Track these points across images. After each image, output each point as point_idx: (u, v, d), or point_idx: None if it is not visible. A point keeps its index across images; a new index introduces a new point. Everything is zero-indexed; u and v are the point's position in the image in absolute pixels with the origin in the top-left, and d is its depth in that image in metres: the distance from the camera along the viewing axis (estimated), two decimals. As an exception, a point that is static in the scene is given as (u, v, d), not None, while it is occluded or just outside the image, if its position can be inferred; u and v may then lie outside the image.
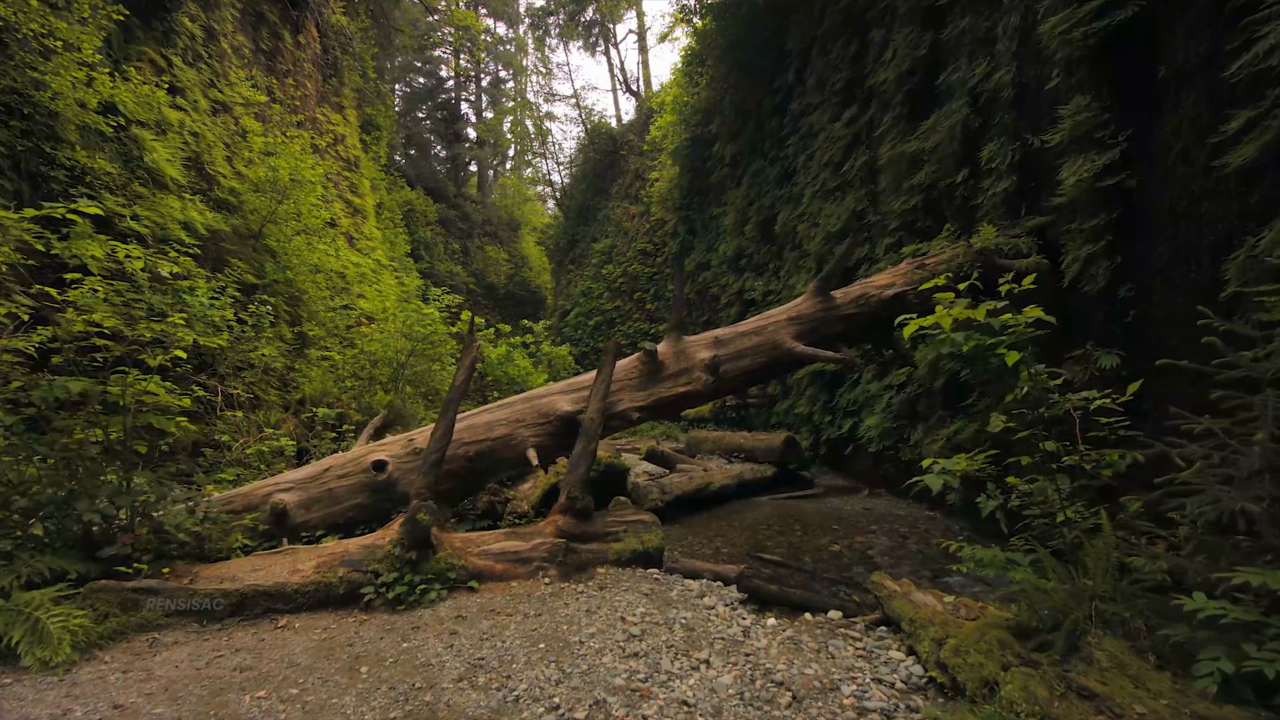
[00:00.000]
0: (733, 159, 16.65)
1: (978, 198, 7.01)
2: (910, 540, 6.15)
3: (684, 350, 5.08)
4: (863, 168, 10.12)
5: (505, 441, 4.68)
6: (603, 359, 4.70)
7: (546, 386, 4.98)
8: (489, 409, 4.84)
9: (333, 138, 15.96)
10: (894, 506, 7.78)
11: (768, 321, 5.26)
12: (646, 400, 4.88)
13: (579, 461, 4.51)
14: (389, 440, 4.80)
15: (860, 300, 5.35)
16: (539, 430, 4.73)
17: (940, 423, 7.38)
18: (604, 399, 4.64)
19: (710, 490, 7.97)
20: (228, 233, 9.88)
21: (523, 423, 4.72)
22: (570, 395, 4.87)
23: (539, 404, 4.80)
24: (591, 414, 4.59)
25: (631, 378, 4.93)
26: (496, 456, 4.67)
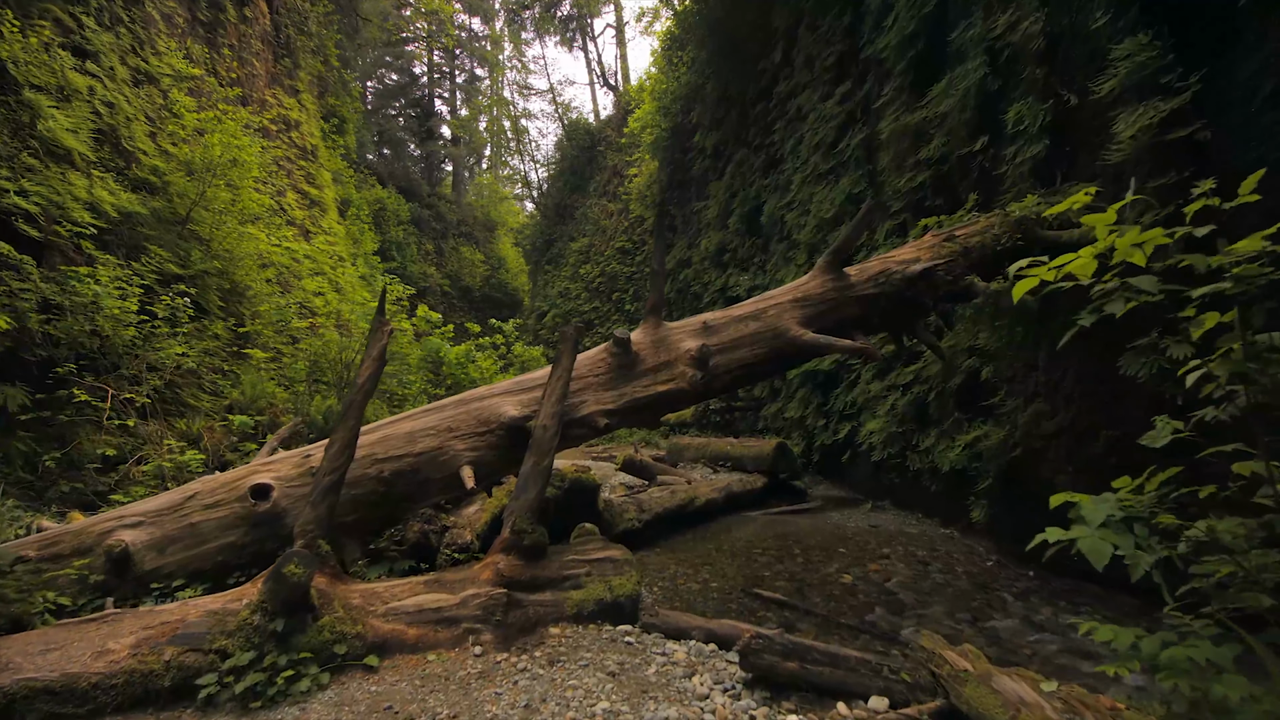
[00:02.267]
0: (715, 149, 15.67)
1: (1001, 167, 6.03)
2: (933, 568, 5.11)
3: (665, 339, 3.99)
4: (859, 147, 9.15)
5: (432, 457, 3.55)
6: (559, 350, 3.60)
7: (488, 386, 3.87)
8: (412, 416, 3.71)
9: (284, 123, 14.65)
10: (902, 522, 6.77)
11: (768, 304, 4.19)
12: (617, 402, 3.79)
13: (527, 483, 3.39)
14: (281, 457, 3.64)
15: (880, 279, 4.31)
16: (478, 442, 3.61)
17: (957, 427, 6.38)
18: (561, 400, 3.53)
19: (695, 506, 6.89)
20: (145, 216, 8.59)
21: (456, 432, 3.60)
22: (519, 396, 3.77)
23: (477, 408, 3.69)
24: (544, 420, 3.48)
25: (598, 373, 3.84)
26: (420, 477, 3.54)
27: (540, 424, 3.49)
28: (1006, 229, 4.60)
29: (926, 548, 5.68)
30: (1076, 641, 3.73)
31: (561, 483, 5.24)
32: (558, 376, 3.58)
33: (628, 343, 3.88)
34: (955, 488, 6.38)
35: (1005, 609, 4.25)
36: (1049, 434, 5.36)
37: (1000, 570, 5.08)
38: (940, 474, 6.51)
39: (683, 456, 10.17)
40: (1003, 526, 5.57)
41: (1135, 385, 4.54)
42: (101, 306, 6.70)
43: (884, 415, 7.48)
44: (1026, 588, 4.66)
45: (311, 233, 15.04)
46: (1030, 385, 5.75)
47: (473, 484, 3.44)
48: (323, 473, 3.12)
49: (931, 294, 4.30)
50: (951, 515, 6.47)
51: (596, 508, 5.60)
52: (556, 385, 3.57)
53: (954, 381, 6.33)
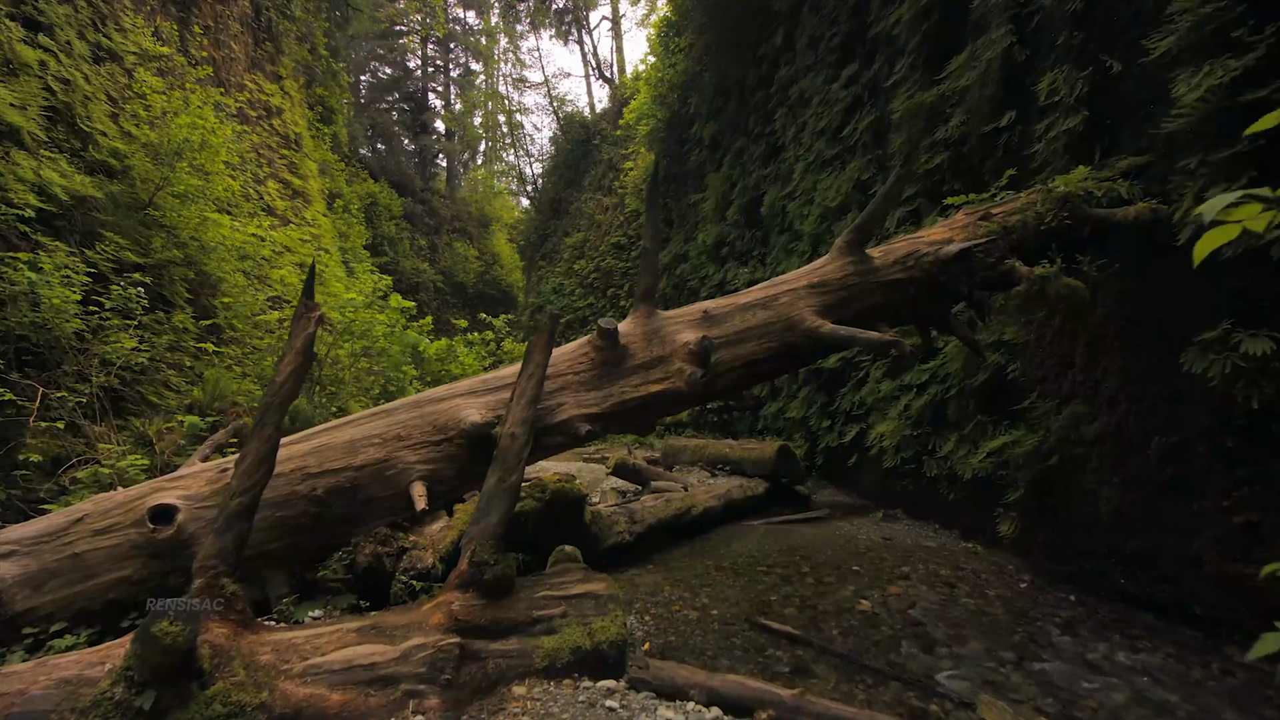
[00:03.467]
0: (713, 139, 15.03)
1: (1031, 145, 5.41)
2: (961, 591, 4.50)
3: (659, 330, 3.35)
4: (867, 130, 8.53)
5: (377, 471, 2.92)
6: (531, 343, 2.96)
7: (449, 385, 3.23)
8: (355, 421, 3.07)
9: (265, 109, 13.96)
10: (918, 534, 6.15)
11: (780, 290, 3.56)
12: (602, 404, 3.15)
13: (490, 504, 2.76)
14: (193, 470, 2.99)
15: (908, 261, 3.69)
16: (433, 452, 2.98)
17: (980, 431, 5.77)
18: (533, 403, 2.89)
19: (692, 516, 6.27)
20: (101, 200, 7.92)
21: (407, 441, 2.97)
22: (484, 398, 3.13)
23: (433, 411, 3.05)
24: (512, 427, 2.84)
25: (579, 371, 3.20)
26: (362, 495, 2.90)
27: (507, 431, 2.86)
28: (1050, 206, 3.98)
29: (949, 565, 5.07)
30: (1145, 687, 3.13)
31: (541, 494, 4.60)
32: (529, 374, 2.94)
33: (614, 334, 3.24)
34: (978, 498, 5.77)
35: (1052, 644, 3.64)
36: (1090, 440, 4.75)
37: (1036, 594, 4.47)
38: (960, 482, 5.90)
39: (679, 459, 9.55)
40: (1036, 543, 4.96)
41: (1197, 385, 3.94)
42: (40, 297, 6.04)
43: (896, 417, 6.86)
44: (1071, 617, 4.04)
45: (294, 224, 14.34)
46: (1066, 385, 5.13)
47: (424, 505, 2.81)
48: (231, 494, 2.48)
49: (967, 280, 3.68)
50: (973, 527, 5.86)
51: (582, 521, 4.97)
52: (527, 385, 2.93)
53: (977, 381, 5.72)
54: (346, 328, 7.48)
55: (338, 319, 7.53)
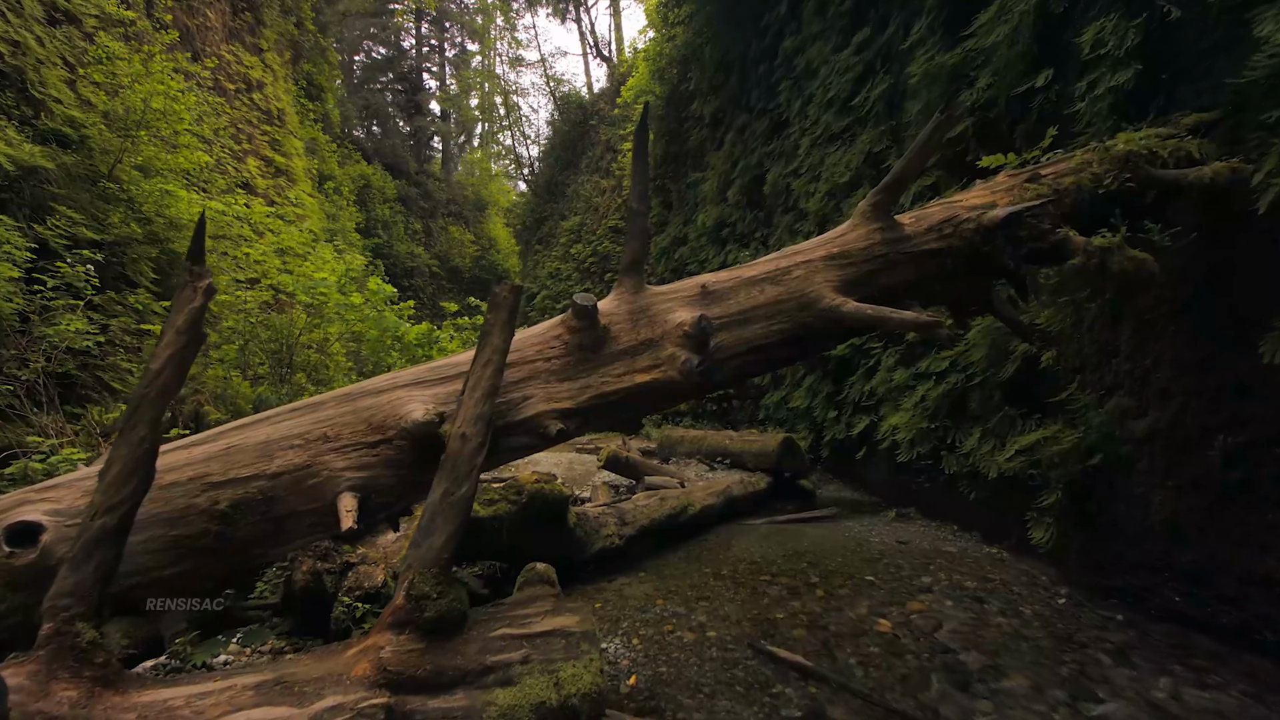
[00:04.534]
0: (713, 117, 14.34)
1: (1072, 104, 4.81)
2: (992, 607, 3.96)
3: (647, 309, 2.77)
4: (880, 99, 7.89)
5: (296, 480, 2.35)
6: (487, 322, 2.38)
7: (390, 374, 2.65)
8: (272, 417, 2.50)
9: (245, 82, 13.26)
10: (935, 536, 5.61)
11: (793, 262, 2.97)
12: (577, 397, 2.58)
13: (434, 523, 2.20)
14: (70, 477, 2.43)
15: (945, 229, 3.10)
16: (367, 456, 2.41)
17: (1007, 425, 5.20)
18: (489, 397, 2.32)
19: (689, 515, 5.72)
20: (53, 171, 7.30)
21: (335, 442, 2.40)
22: (433, 389, 2.56)
23: (369, 406, 2.48)
24: (463, 426, 2.27)
25: (550, 357, 2.63)
26: (278, 510, 2.34)
27: (456, 432, 2.29)
28: (1110, 166, 3.38)
29: (975, 575, 4.53)
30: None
31: (518, 496, 4.05)
32: (484, 361, 2.36)
33: (593, 313, 2.66)
34: (1003, 499, 5.22)
35: (1107, 678, 3.09)
36: (1139, 438, 4.18)
37: (1078, 612, 3.93)
38: (984, 481, 5.34)
39: (676, 451, 9.00)
40: (1074, 552, 4.41)
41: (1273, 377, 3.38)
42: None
43: (911, 408, 6.30)
44: (1122, 641, 3.50)
45: (277, 204, 13.70)
46: (1108, 375, 4.56)
47: (352, 522, 2.24)
48: (92, 513, 1.92)
49: (1013, 251, 3.10)
50: (997, 531, 5.31)
51: (565, 525, 4.42)
52: (483, 374, 2.35)
53: (1005, 370, 5.15)
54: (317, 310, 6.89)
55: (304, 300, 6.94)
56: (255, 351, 6.90)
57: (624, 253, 2.86)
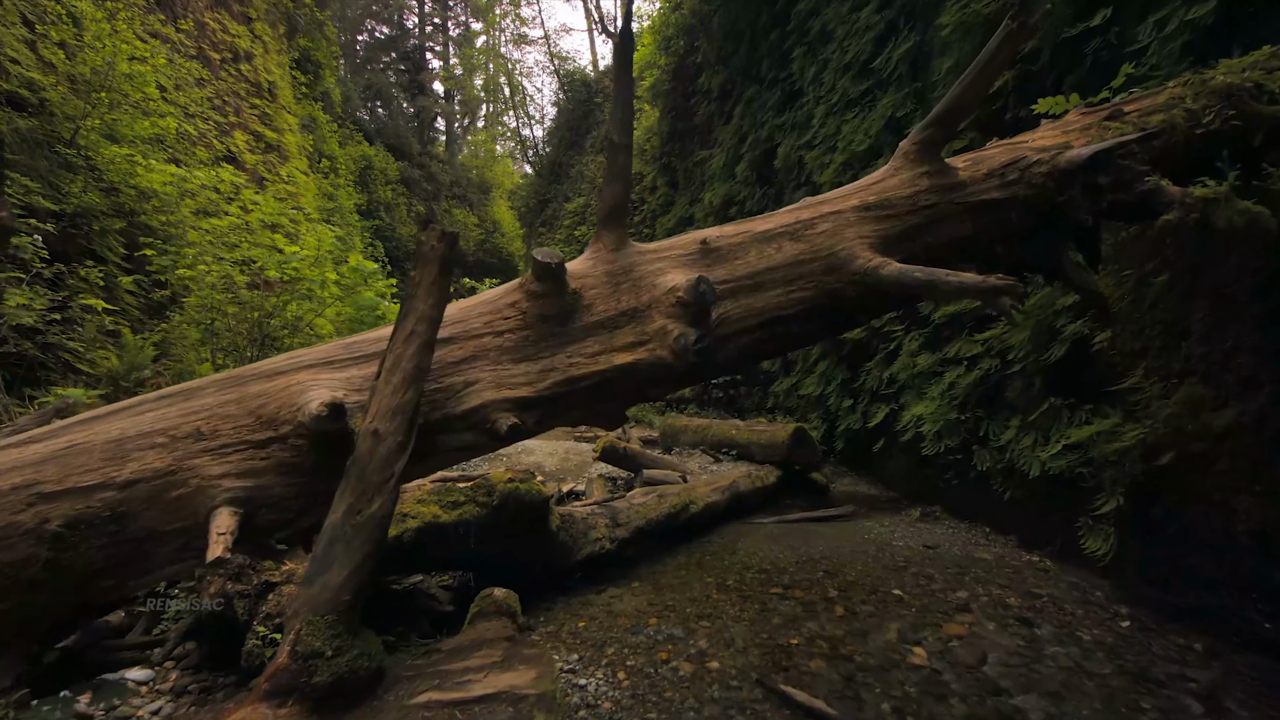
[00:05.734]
0: (722, 90, 13.58)
1: (1136, 43, 4.11)
2: (1043, 632, 3.34)
3: (630, 270, 2.14)
4: (904, 59, 7.16)
5: (157, 490, 1.77)
6: (410, 281, 1.77)
7: (291, 354, 2.05)
8: (133, 407, 1.90)
9: (231, 52, 12.60)
10: (967, 540, 4.99)
11: (818, 213, 2.34)
12: (539, 383, 1.97)
13: (332, 552, 1.61)
14: None
15: (1008, 174, 2.45)
16: (253, 459, 1.82)
17: (1052, 418, 4.55)
18: (414, 382, 1.72)
19: (690, 514, 5.13)
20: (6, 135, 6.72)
21: (211, 439, 1.81)
22: (347, 370, 1.96)
23: (258, 393, 1.88)
24: (376, 421, 1.68)
25: (503, 330, 2.02)
26: (132, 531, 1.75)
27: (366, 428, 1.69)
28: (1209, 101, 2.71)
29: (1017, 590, 3.91)
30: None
31: (488, 498, 3.46)
32: (407, 334, 1.76)
33: (559, 273, 2.04)
34: (1046, 500, 4.59)
35: (1200, 732, 2.49)
36: (1218, 434, 3.53)
37: (1146, 638, 3.31)
38: (1023, 479, 4.71)
39: (678, 441, 8.40)
40: (1135, 564, 3.78)
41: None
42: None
43: (937, 397, 5.65)
44: (1210, 681, 2.88)
45: (267, 180, 13.10)
46: (1178, 360, 3.90)
47: (222, 550, 1.64)
48: None
49: (1091, 203, 2.44)
50: (1037, 535, 4.69)
51: (546, 528, 3.83)
52: (405, 352, 1.75)
53: (1052, 354, 4.49)
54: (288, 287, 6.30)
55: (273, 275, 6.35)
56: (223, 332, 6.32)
57: (601, 200, 2.23)
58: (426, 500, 3.24)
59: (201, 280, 6.45)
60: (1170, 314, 4.01)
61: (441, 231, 1.77)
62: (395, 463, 1.71)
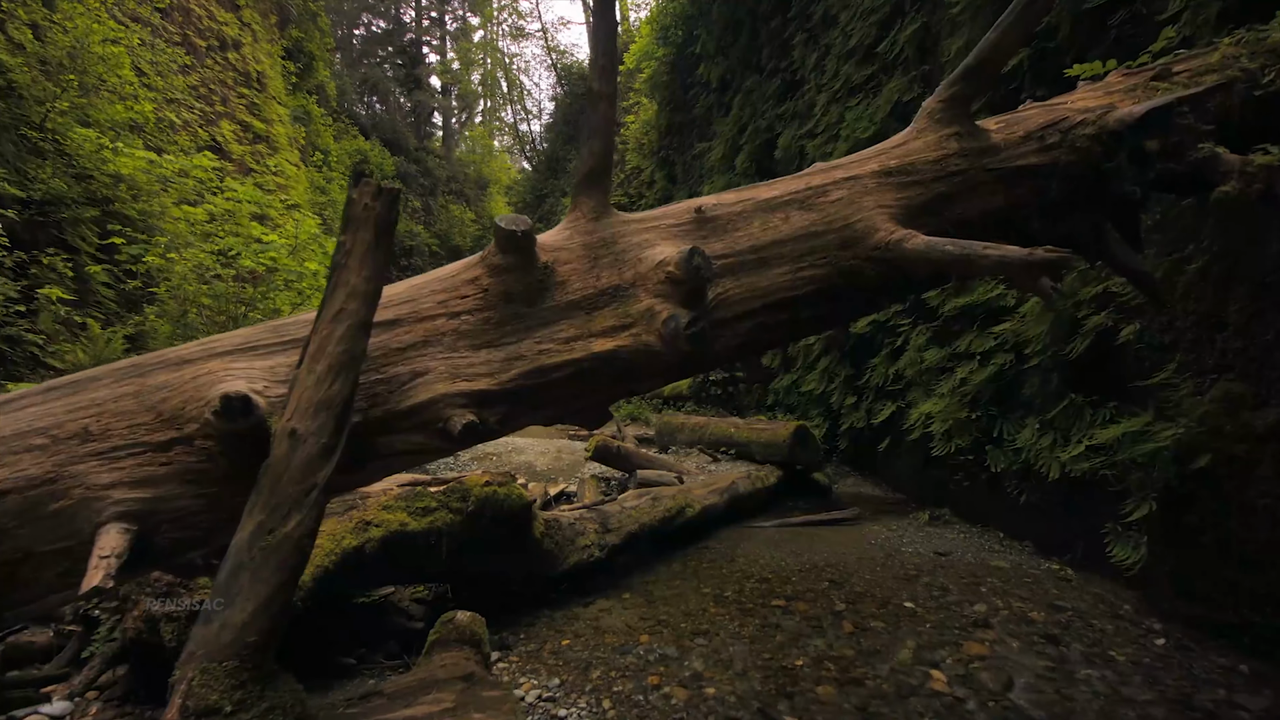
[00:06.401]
0: (721, 81, 13.25)
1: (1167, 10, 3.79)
2: (1073, 651, 3.03)
3: (612, 242, 1.83)
4: (910, 42, 6.83)
5: (30, 503, 1.44)
6: (340, 247, 1.46)
7: (205, 340, 1.73)
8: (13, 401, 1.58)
9: (218, 39, 12.25)
10: (980, 546, 4.68)
11: (829, 179, 2.03)
12: (502, 373, 1.66)
13: (236, 581, 1.30)
14: None
15: (1048, 136, 2.14)
16: (152, 464, 1.51)
17: (1073, 417, 4.23)
18: (345, 369, 1.41)
19: (686, 518, 4.81)
20: (-32, 118, 6.38)
21: (101, 440, 1.50)
22: (272, 358, 1.64)
23: (160, 384, 1.57)
24: (295, 420, 1.36)
25: (459, 311, 1.70)
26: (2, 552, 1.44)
27: (283, 428, 1.39)
28: (1271, 60, 2.39)
29: (1039, 602, 3.59)
30: None
31: (462, 503, 3.14)
32: (335, 313, 1.44)
33: (526, 243, 1.72)
34: (1066, 504, 4.29)
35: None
36: (1260, 434, 3.22)
37: (1185, 658, 3.00)
38: (1041, 481, 4.40)
39: (675, 439, 8.09)
40: (1167, 575, 3.47)
41: None
42: None
43: (947, 394, 5.34)
44: (1262, 710, 2.58)
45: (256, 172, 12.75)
46: (1212, 355, 3.59)
47: (102, 578, 1.32)
48: None
49: (1138, 172, 2.12)
50: (1055, 541, 4.38)
51: (529, 536, 3.51)
52: (331, 334, 1.43)
53: (1074, 348, 4.17)
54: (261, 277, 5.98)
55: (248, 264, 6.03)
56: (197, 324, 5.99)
57: (579, 160, 1.91)
58: (393, 506, 2.92)
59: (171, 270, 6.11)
60: (1205, 304, 3.70)
61: (377, 187, 1.44)
62: (318, 470, 1.39)
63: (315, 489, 1.39)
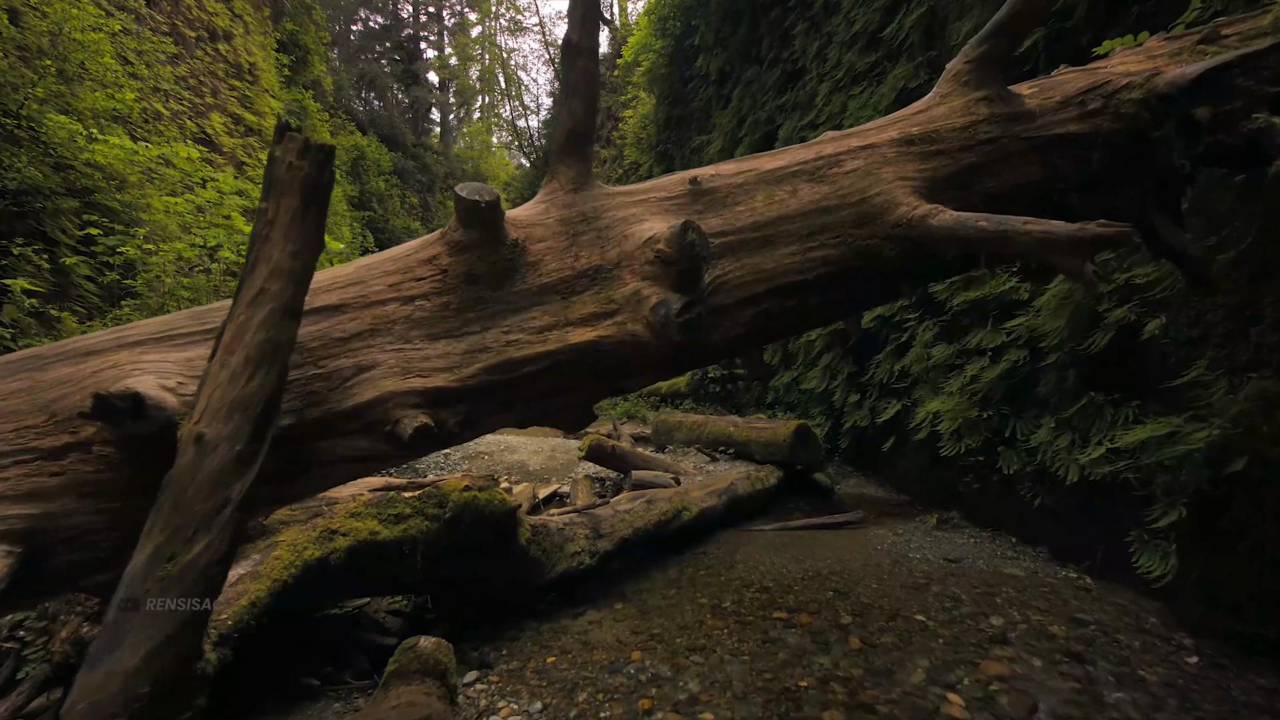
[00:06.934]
0: (720, 73, 12.98)
1: None
2: (1100, 670, 2.79)
3: (594, 216, 1.59)
4: (916, 27, 6.58)
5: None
6: (263, 215, 1.22)
7: (117, 328, 1.50)
8: None
9: (208, 30, 11.98)
10: (992, 552, 4.44)
11: (843, 147, 1.79)
12: (463, 368, 1.42)
13: (127, 621, 1.03)
14: None
15: (1088, 101, 1.90)
16: (41, 473, 1.27)
17: (1092, 416, 3.99)
18: (268, 361, 1.17)
19: (682, 522, 4.58)
20: (-62, 105, 6.12)
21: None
22: (193, 348, 1.41)
23: (58, 379, 1.34)
24: (203, 422, 1.11)
25: (414, 295, 1.46)
26: None
27: (189, 431, 1.13)
28: (1329, 20, 2.14)
29: (1059, 614, 3.36)
30: None
31: (439, 510, 2.90)
32: (254, 294, 1.19)
33: (493, 216, 1.47)
34: (1084, 508, 4.05)
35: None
36: (1300, 435, 2.99)
37: (1221, 677, 2.76)
38: (1058, 484, 4.16)
39: (672, 438, 7.85)
40: (1199, 587, 3.23)
41: None
42: None
43: (956, 392, 5.10)
44: (1313, 738, 2.35)
45: (246, 164, 12.50)
46: (1244, 349, 3.35)
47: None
48: None
49: (1187, 144, 1.87)
50: (1072, 547, 4.14)
51: (513, 543, 3.26)
52: (250, 320, 1.18)
53: (1095, 343, 3.92)
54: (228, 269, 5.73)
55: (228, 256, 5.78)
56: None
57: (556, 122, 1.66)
58: (362, 513, 2.68)
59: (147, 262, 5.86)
60: (1237, 295, 3.46)
61: (304, 142, 1.20)
62: (231, 483, 1.15)
63: (228, 505, 1.15)
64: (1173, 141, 1.93)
